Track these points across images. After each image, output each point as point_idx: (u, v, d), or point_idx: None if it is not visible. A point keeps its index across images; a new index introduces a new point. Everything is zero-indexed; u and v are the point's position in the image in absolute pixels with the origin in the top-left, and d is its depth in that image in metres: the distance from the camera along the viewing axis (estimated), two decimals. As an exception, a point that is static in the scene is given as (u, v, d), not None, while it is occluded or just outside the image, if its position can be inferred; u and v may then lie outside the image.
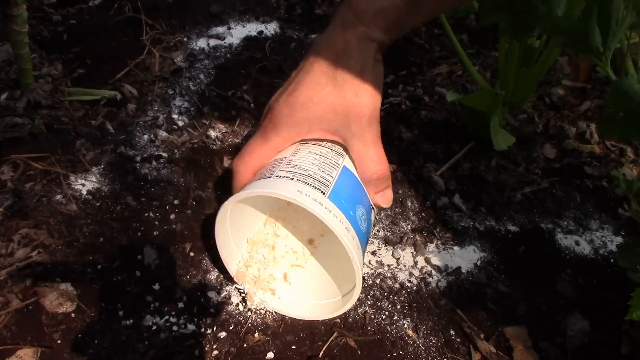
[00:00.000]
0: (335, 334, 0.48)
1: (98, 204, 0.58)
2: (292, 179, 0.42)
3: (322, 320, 0.50)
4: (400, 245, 0.57)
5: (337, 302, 0.47)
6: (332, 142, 0.47)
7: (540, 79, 0.67)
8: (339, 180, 0.44)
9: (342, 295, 0.47)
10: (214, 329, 0.48)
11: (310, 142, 0.47)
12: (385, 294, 0.53)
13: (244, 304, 0.50)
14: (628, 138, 0.68)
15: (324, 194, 0.41)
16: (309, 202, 0.40)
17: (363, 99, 0.44)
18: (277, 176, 0.43)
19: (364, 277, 0.54)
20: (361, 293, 0.52)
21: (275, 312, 0.50)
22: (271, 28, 0.91)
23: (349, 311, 0.50)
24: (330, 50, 0.45)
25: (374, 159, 0.46)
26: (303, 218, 0.53)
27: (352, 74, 0.44)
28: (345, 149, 0.47)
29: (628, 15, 0.41)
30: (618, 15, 0.41)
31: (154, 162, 0.63)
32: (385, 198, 0.48)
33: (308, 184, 0.42)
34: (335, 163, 0.45)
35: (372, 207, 0.47)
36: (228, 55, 0.83)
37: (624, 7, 0.40)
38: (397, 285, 0.53)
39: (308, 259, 0.53)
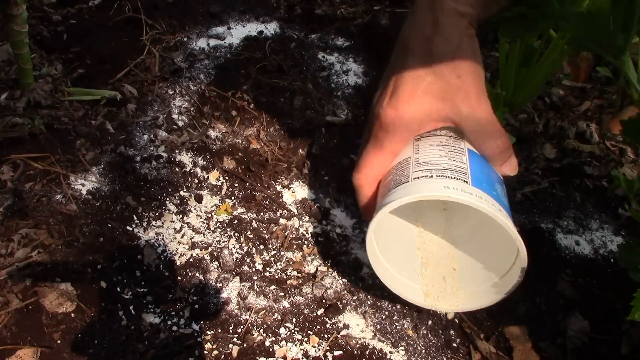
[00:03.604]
0: (335, 334, 0.49)
1: (98, 204, 0.58)
2: (432, 176, 0.41)
3: (322, 320, 0.50)
4: (400, 245, 0.57)
5: (497, 285, 0.46)
6: (446, 129, 0.47)
7: (545, 80, 0.67)
8: (471, 165, 0.43)
9: (500, 277, 0.46)
10: (214, 329, 0.48)
11: (424, 136, 0.46)
12: (385, 293, 0.52)
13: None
14: None
15: (466, 182, 0.41)
16: (461, 195, 0.39)
17: (466, 78, 0.43)
18: (414, 178, 0.42)
19: (363, 277, 0.54)
20: (361, 293, 0.52)
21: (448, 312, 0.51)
22: (271, 28, 0.91)
23: (349, 310, 0.50)
24: (421, 35, 0.44)
25: (493, 135, 0.45)
26: (432, 214, 0.52)
27: (449, 56, 0.43)
28: (459, 131, 0.47)
29: None
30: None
31: (154, 162, 0.63)
32: (511, 166, 0.47)
33: (448, 177, 0.41)
34: (459, 148, 0.45)
35: (502, 180, 0.47)
36: (228, 55, 0.83)
37: None
38: (397, 285, 0.53)
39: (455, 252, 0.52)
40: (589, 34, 0.42)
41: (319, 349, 0.47)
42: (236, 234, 0.57)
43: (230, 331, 0.48)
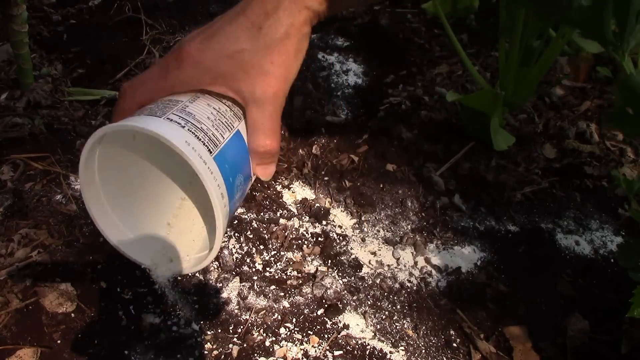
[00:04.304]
0: (335, 334, 0.49)
1: (98, 204, 0.58)
2: (184, 127, 0.41)
3: (322, 320, 0.50)
4: (400, 245, 0.57)
5: (201, 257, 0.45)
6: (233, 101, 0.46)
7: (541, 78, 0.67)
8: (229, 143, 0.43)
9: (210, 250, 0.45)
10: (214, 329, 0.48)
11: (211, 95, 0.46)
12: (385, 294, 0.53)
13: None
14: (636, 133, 0.68)
15: (210, 152, 0.40)
16: (194, 157, 0.38)
17: (277, 69, 0.43)
18: (168, 118, 0.41)
19: (363, 277, 0.54)
20: (361, 293, 0.52)
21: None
22: (271, 28, 0.91)
23: (349, 310, 0.51)
24: (261, 7, 0.44)
25: (266, 132, 0.45)
26: (178, 171, 0.50)
27: (274, 39, 0.43)
28: (244, 113, 0.46)
29: None
30: (638, 8, 0.40)
31: (154, 162, 0.63)
32: (266, 171, 0.47)
33: (198, 137, 0.40)
34: (230, 124, 0.44)
35: (251, 177, 0.47)
36: (228, 55, 0.83)
37: None
38: (397, 285, 0.53)
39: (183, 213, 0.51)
40: (586, 28, 0.43)
41: (319, 349, 0.47)
42: (236, 234, 0.57)
43: (230, 331, 0.48)
